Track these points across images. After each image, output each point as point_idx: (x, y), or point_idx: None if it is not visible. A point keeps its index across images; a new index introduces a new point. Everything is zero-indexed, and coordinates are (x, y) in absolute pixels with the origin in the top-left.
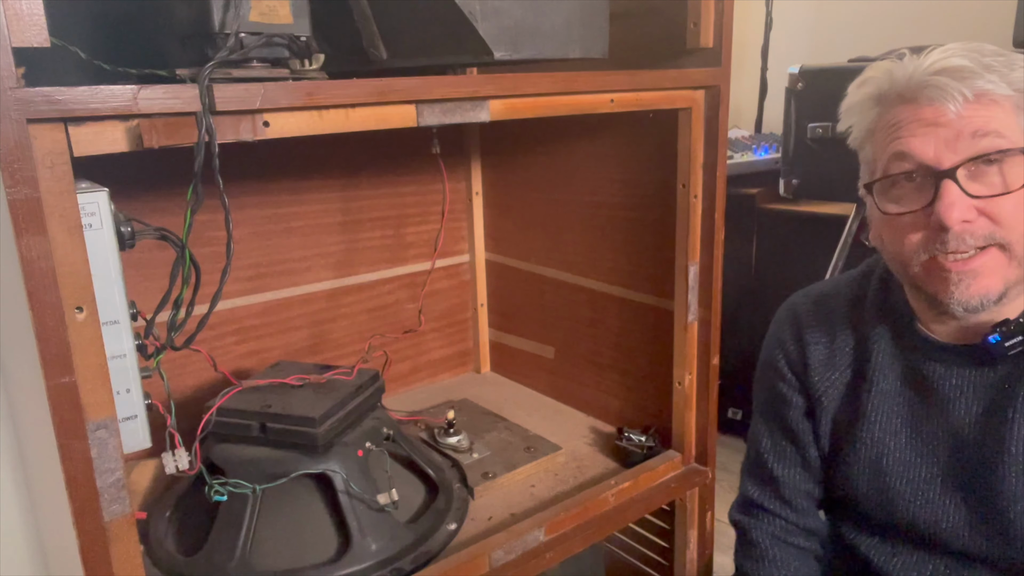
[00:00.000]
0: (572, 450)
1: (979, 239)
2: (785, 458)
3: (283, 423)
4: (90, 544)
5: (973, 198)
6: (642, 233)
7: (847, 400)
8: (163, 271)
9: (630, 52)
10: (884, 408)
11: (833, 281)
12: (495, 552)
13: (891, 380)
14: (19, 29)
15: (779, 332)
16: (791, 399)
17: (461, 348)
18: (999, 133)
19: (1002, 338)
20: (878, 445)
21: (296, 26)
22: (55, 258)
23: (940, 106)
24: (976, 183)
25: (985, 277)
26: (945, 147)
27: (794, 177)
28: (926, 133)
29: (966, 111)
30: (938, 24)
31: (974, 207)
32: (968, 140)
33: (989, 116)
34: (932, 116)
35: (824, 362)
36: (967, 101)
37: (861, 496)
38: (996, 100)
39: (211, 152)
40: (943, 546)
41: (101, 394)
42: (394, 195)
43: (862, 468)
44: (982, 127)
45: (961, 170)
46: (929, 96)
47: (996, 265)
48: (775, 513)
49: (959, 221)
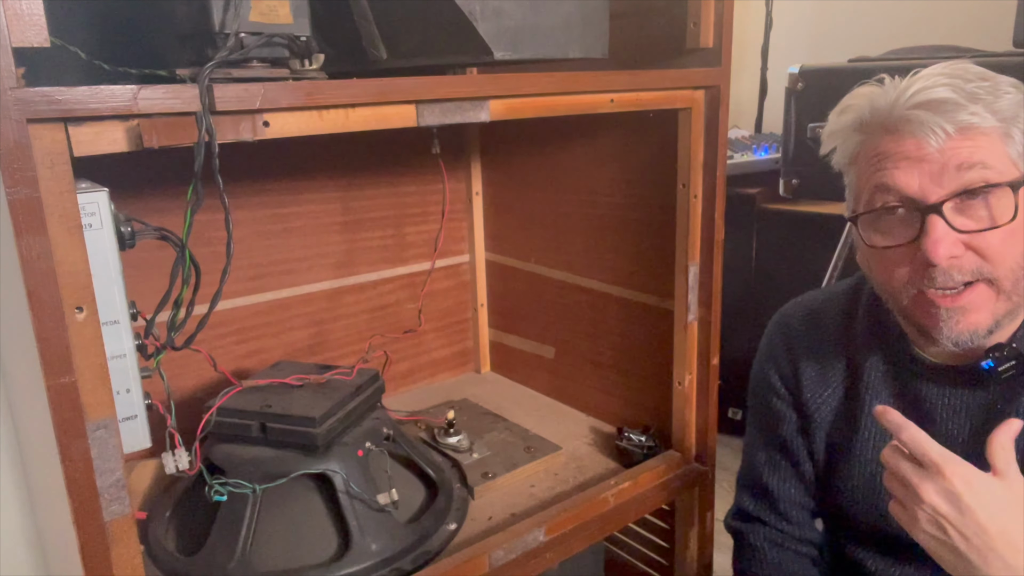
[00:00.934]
0: (572, 450)
1: (966, 274)
2: (780, 471)
3: (283, 423)
4: (90, 544)
5: (960, 232)
6: (642, 233)
7: (840, 418)
8: (163, 271)
9: (630, 52)
10: (877, 427)
11: (824, 294)
12: (495, 552)
13: (884, 399)
14: (19, 29)
15: (771, 347)
16: (785, 414)
17: (461, 348)
18: (985, 164)
19: (995, 364)
20: (871, 464)
21: (296, 26)
22: (55, 258)
23: (922, 140)
24: (963, 217)
25: (974, 313)
26: (930, 181)
27: (794, 177)
28: (910, 167)
29: (949, 145)
30: (938, 24)
31: (961, 242)
32: (953, 173)
33: (974, 147)
34: (915, 150)
35: (816, 380)
36: (949, 136)
37: (856, 513)
38: (981, 131)
39: (211, 152)
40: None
41: (101, 394)
42: (394, 195)
43: (856, 486)
44: (967, 159)
45: (947, 204)
46: (911, 130)
47: (984, 300)
48: (771, 524)
49: (946, 257)
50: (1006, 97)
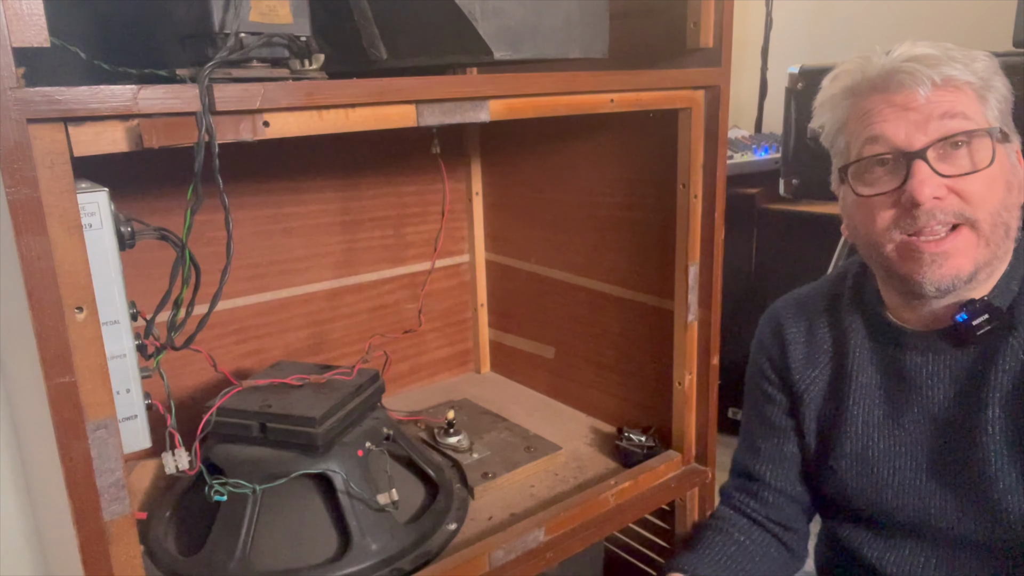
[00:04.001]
0: (572, 450)
1: (949, 215)
2: (765, 457)
3: (283, 423)
4: (90, 544)
5: (943, 177)
6: (642, 233)
7: (829, 396)
8: (163, 271)
9: (630, 52)
10: (865, 401)
11: (814, 283)
12: (495, 552)
13: (870, 373)
14: (19, 29)
15: (761, 335)
16: (775, 397)
17: (461, 348)
18: (965, 115)
19: (969, 316)
20: (862, 438)
21: (296, 26)
22: (55, 258)
23: (910, 91)
24: (945, 163)
25: (956, 257)
26: (916, 129)
27: (794, 177)
28: (897, 117)
29: (934, 95)
30: (938, 24)
31: (944, 185)
32: (937, 122)
33: (955, 100)
34: (903, 101)
35: (804, 360)
36: (935, 86)
37: (850, 490)
38: (960, 86)
39: (211, 152)
40: (934, 534)
41: (101, 394)
42: (394, 195)
43: (849, 462)
44: (949, 109)
45: (931, 150)
46: (900, 81)
47: (967, 245)
48: (753, 508)
49: (930, 197)
50: (981, 62)
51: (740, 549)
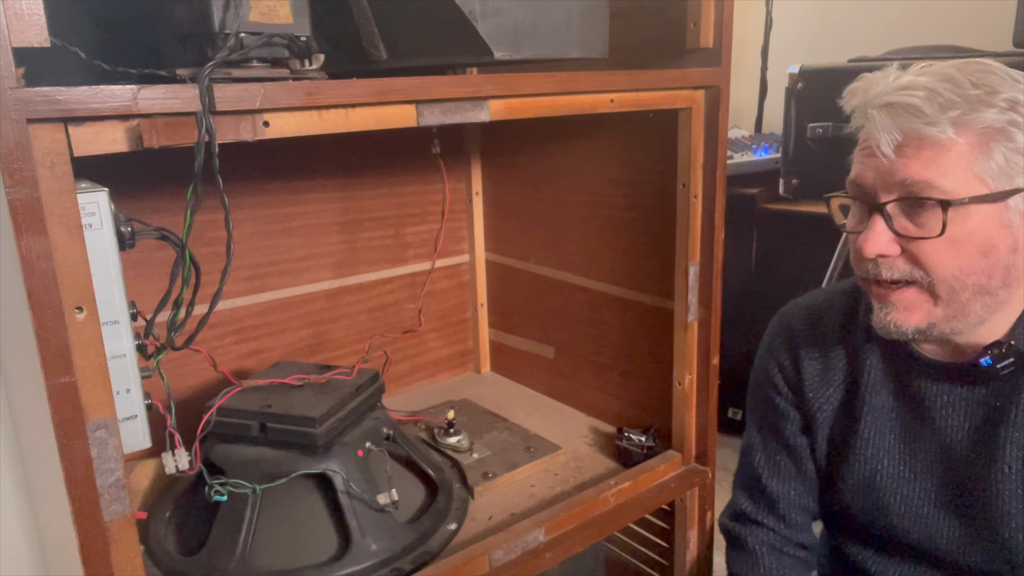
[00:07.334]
0: (572, 450)
1: (895, 273)
2: (781, 473)
3: (283, 423)
4: (90, 544)
5: (898, 236)
6: (642, 233)
7: (841, 417)
8: (163, 271)
9: (630, 52)
10: (877, 425)
11: (824, 294)
12: (495, 552)
13: (884, 397)
14: (19, 29)
15: (773, 346)
16: (788, 413)
17: (461, 348)
18: (930, 182)
19: (994, 360)
20: (872, 462)
21: (296, 26)
22: (55, 258)
23: (881, 140)
24: (906, 220)
25: (901, 312)
26: (881, 181)
27: (794, 177)
28: (869, 164)
29: (898, 156)
30: (938, 24)
31: (897, 243)
32: (899, 182)
33: (925, 161)
34: (875, 147)
35: (818, 379)
36: (900, 146)
37: (856, 512)
38: (938, 145)
39: (211, 152)
40: (940, 560)
41: (101, 394)
42: (394, 195)
43: (856, 485)
44: (911, 176)
45: (891, 206)
46: (878, 125)
47: (915, 302)
48: (769, 527)
49: (873, 253)
50: (992, 111)
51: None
